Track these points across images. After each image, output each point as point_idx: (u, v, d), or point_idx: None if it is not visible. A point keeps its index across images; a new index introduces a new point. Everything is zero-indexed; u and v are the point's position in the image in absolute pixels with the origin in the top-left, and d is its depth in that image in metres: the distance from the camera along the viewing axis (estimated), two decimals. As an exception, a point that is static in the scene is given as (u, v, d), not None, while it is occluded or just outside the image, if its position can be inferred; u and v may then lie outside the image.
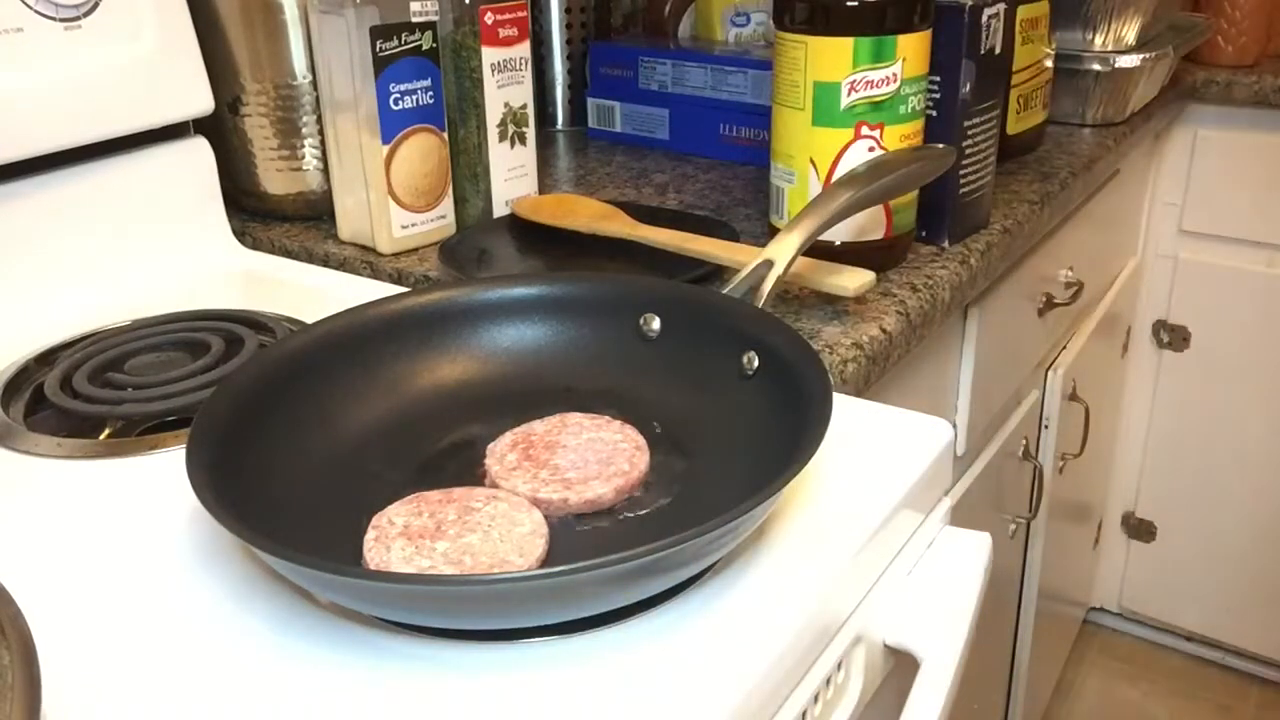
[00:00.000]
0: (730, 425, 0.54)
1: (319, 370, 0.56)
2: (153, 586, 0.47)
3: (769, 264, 0.61)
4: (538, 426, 0.53)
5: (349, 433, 0.55)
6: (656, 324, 0.58)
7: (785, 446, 0.46)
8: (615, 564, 0.38)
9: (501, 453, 0.52)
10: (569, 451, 0.51)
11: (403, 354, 0.58)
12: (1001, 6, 0.80)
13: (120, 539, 0.50)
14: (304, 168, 0.90)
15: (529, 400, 0.57)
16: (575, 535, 0.48)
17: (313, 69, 0.85)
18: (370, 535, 0.46)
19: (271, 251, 0.88)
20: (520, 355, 0.60)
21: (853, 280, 0.68)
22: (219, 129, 0.88)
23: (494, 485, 0.50)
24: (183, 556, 0.49)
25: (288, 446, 0.52)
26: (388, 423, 0.56)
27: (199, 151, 0.84)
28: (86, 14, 0.74)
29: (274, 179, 0.91)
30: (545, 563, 0.45)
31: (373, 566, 0.45)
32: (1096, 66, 1.15)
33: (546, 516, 0.48)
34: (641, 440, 0.52)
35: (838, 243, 0.76)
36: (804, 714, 0.45)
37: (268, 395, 0.53)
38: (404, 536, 0.45)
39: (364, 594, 0.42)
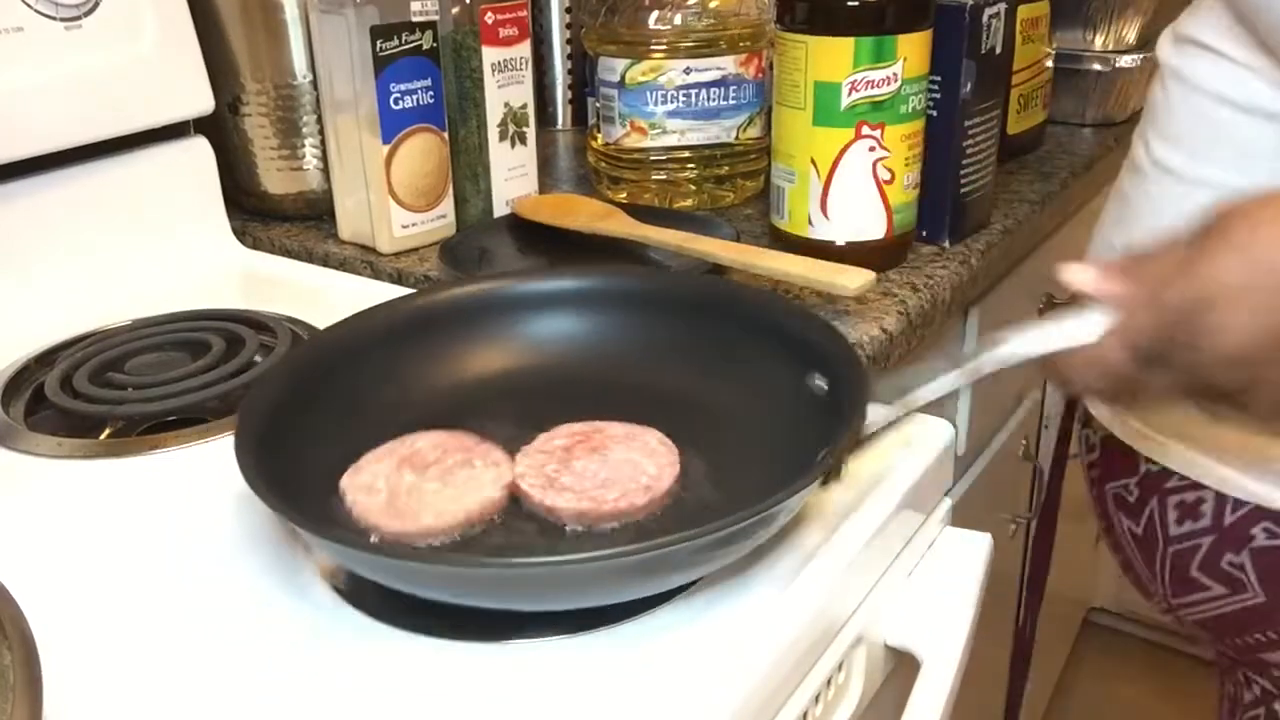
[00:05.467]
0: (768, 433, 0.53)
1: (356, 362, 0.56)
2: (152, 586, 0.47)
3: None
4: (575, 428, 0.53)
5: (387, 425, 0.54)
6: (823, 383, 0.53)
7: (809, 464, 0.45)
8: (594, 560, 0.39)
9: (534, 453, 0.51)
10: (596, 464, 0.50)
11: (448, 342, 0.59)
12: (1002, 6, 0.80)
13: (120, 539, 0.50)
14: (304, 167, 0.90)
15: (571, 395, 0.57)
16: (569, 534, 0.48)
17: (313, 69, 0.85)
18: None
19: (271, 251, 0.88)
20: (568, 347, 0.60)
21: (853, 280, 0.68)
22: (219, 129, 0.88)
23: (516, 483, 0.50)
24: (182, 556, 0.49)
25: (329, 437, 0.52)
26: (425, 414, 0.55)
27: (199, 151, 0.84)
28: (87, 14, 0.74)
29: (274, 179, 0.91)
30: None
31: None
32: (1097, 66, 1.15)
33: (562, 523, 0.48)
34: (670, 461, 0.50)
35: (838, 242, 0.76)
36: (805, 714, 0.45)
37: (310, 385, 0.53)
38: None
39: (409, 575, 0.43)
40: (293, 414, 0.51)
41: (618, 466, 0.49)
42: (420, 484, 0.49)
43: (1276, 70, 0.59)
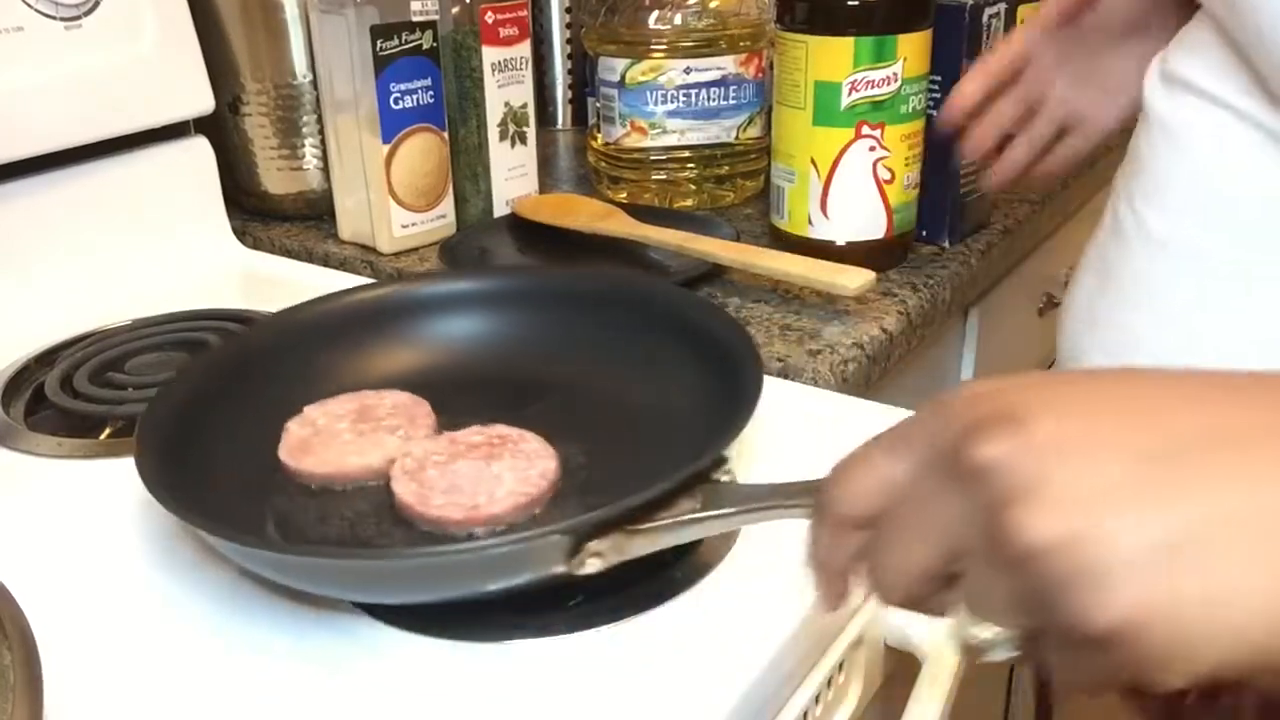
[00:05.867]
0: (667, 434, 0.53)
1: (265, 367, 0.57)
2: (153, 586, 0.47)
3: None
4: (500, 431, 0.53)
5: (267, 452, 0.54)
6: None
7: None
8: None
9: (444, 440, 0.52)
10: (471, 470, 0.50)
11: (359, 344, 0.60)
12: (1002, 6, 0.80)
13: (120, 539, 0.50)
14: (304, 167, 0.90)
15: (471, 394, 0.58)
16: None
17: (313, 68, 0.85)
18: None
19: (271, 251, 0.88)
20: (475, 346, 0.61)
21: (853, 280, 0.68)
22: (219, 129, 0.88)
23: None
24: (182, 556, 0.49)
25: (235, 444, 0.53)
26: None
27: (199, 151, 0.84)
28: (87, 13, 0.74)
29: (274, 178, 0.91)
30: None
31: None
32: (1097, 66, 1.15)
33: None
34: (524, 493, 0.48)
35: (838, 242, 0.76)
36: (805, 714, 0.45)
37: (218, 387, 0.54)
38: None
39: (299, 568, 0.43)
40: (202, 414, 0.52)
41: (482, 479, 0.49)
42: (342, 432, 0.53)
43: None
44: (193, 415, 0.51)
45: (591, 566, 0.40)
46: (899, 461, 0.30)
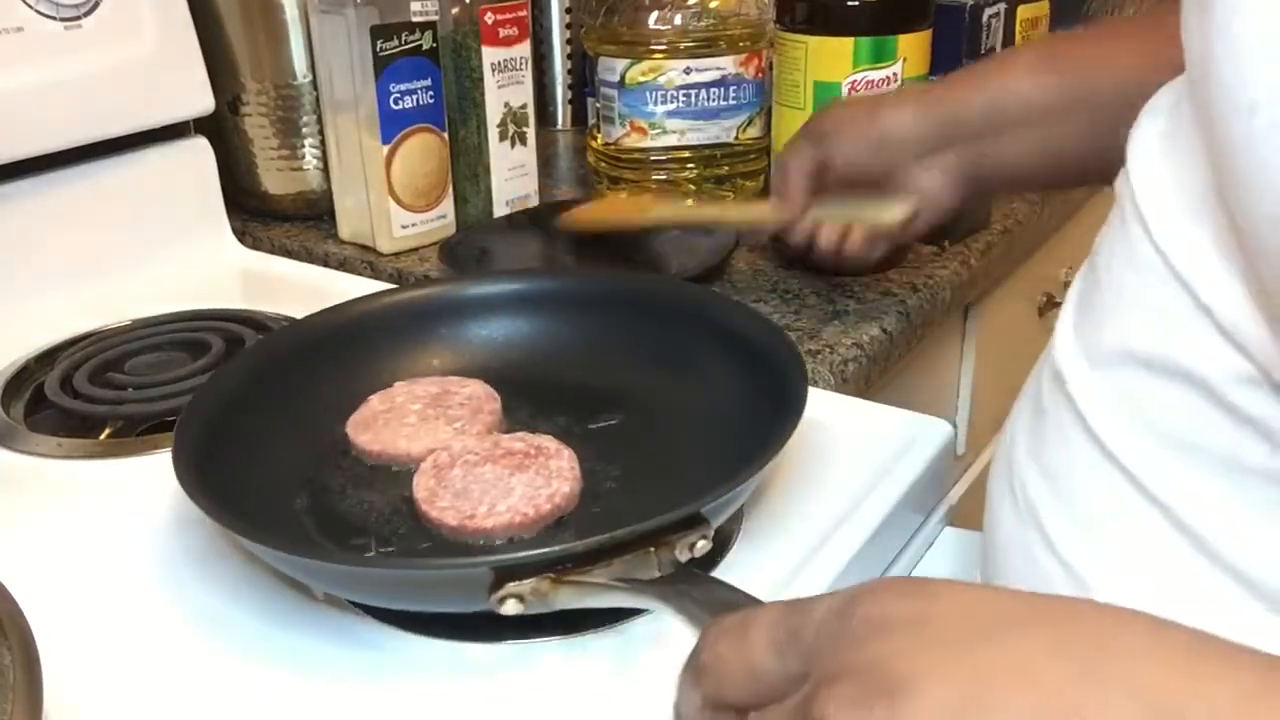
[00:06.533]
0: (702, 446, 0.52)
1: (302, 367, 0.57)
2: (152, 586, 0.47)
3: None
4: (539, 442, 0.52)
5: (331, 427, 0.55)
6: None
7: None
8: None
9: (485, 441, 0.52)
10: (489, 478, 0.49)
11: (396, 345, 0.60)
12: (1001, 6, 0.80)
13: (120, 539, 0.50)
14: (304, 167, 0.90)
15: (540, 396, 0.57)
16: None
17: (313, 69, 0.85)
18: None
19: (271, 251, 0.88)
20: (507, 349, 0.61)
21: (893, 210, 0.64)
22: (219, 129, 0.88)
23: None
24: (182, 556, 0.49)
25: (271, 443, 0.53)
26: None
27: (199, 151, 0.84)
28: (87, 13, 0.74)
29: (274, 179, 0.91)
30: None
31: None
32: (1097, 66, 1.15)
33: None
34: (527, 514, 0.47)
35: (838, 243, 0.76)
36: (804, 714, 0.45)
37: (250, 390, 0.54)
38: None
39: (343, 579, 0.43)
40: (235, 416, 0.52)
41: (494, 489, 0.48)
42: (410, 414, 0.54)
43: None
44: (225, 422, 0.51)
45: (510, 608, 0.38)
46: (773, 661, 0.26)
